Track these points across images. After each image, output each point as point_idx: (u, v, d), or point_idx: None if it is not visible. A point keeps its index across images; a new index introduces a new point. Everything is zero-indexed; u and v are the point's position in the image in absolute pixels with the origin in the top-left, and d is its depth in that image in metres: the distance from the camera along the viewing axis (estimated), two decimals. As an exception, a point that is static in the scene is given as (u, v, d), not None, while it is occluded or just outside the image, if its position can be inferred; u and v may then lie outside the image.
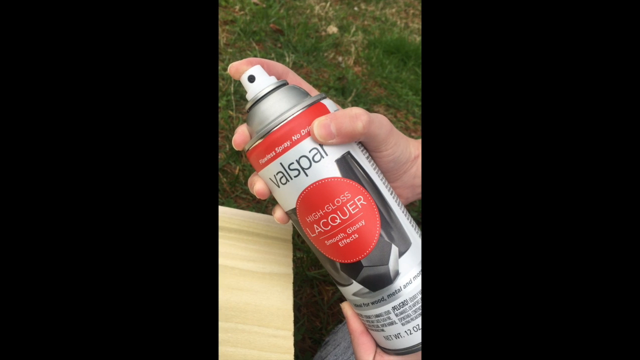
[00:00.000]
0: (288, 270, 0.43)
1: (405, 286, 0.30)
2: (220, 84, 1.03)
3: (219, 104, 0.96)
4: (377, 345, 0.34)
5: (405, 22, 2.12)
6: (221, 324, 0.36)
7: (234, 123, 0.93)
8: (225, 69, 1.11)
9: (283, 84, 0.32)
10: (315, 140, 0.29)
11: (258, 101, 0.31)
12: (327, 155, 0.29)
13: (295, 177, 0.30)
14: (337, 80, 1.33)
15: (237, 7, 1.50)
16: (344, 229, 0.30)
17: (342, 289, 0.33)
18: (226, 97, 0.99)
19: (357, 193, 0.30)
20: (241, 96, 1.01)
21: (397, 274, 0.30)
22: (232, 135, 0.89)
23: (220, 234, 0.43)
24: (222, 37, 1.28)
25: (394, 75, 1.46)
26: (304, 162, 0.29)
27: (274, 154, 0.30)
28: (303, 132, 0.29)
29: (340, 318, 0.66)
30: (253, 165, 0.32)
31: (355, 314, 0.34)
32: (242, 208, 0.77)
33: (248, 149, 0.31)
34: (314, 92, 0.36)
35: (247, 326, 0.37)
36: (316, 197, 0.30)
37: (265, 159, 0.30)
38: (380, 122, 0.31)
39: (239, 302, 0.38)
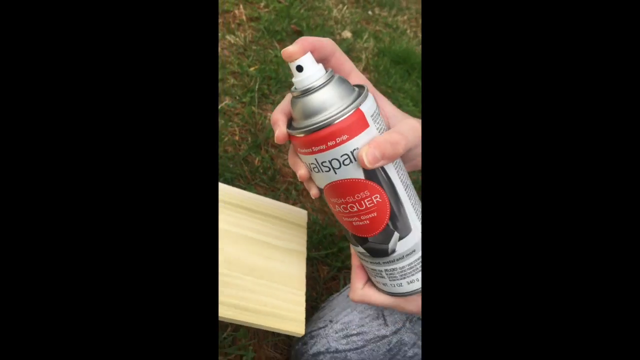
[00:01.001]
0: (303, 248, 0.58)
1: (397, 260, 0.37)
2: (245, 80, 1.16)
3: (244, 100, 1.09)
4: (369, 279, 0.42)
5: (414, 30, 2.23)
6: (258, 280, 0.50)
7: (257, 118, 1.06)
8: (250, 66, 1.24)
9: (329, 80, 0.33)
10: (363, 165, 0.32)
11: (303, 94, 0.33)
12: (355, 160, 0.33)
13: (325, 171, 0.34)
14: (346, 84, 1.46)
15: (262, 4, 1.62)
16: (359, 215, 0.35)
17: (351, 245, 0.40)
18: (250, 93, 1.12)
19: (375, 192, 0.34)
20: (263, 94, 1.14)
21: (393, 251, 0.36)
22: (255, 130, 1.03)
23: (259, 216, 0.57)
24: (248, 34, 1.40)
25: (398, 85, 1.59)
26: (335, 163, 0.33)
27: (311, 150, 0.33)
28: (338, 140, 0.32)
29: (332, 292, 0.81)
30: (293, 144, 0.36)
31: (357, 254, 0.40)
32: (259, 193, 0.91)
33: (290, 134, 0.34)
34: (357, 77, 0.38)
35: (274, 283, 0.51)
36: (340, 190, 0.34)
37: (304, 151, 0.34)
38: (413, 136, 0.34)
39: (269, 267, 0.53)
